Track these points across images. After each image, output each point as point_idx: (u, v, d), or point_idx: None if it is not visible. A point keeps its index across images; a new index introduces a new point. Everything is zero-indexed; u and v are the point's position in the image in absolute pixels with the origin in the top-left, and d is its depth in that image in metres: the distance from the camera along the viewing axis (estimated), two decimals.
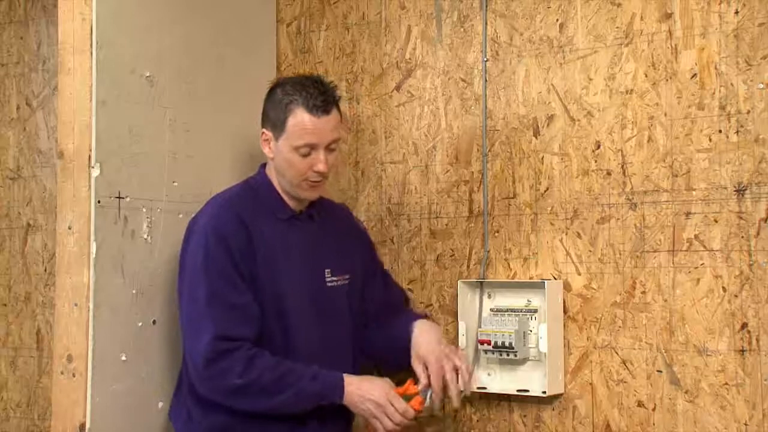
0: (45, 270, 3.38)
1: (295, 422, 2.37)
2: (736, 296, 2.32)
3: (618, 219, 2.48)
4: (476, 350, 2.58)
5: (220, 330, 2.31)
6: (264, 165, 2.53)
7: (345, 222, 2.69)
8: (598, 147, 2.51)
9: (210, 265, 2.35)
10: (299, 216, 2.51)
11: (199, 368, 2.33)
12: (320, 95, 2.39)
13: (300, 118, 2.37)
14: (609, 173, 2.49)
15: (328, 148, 2.41)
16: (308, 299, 2.46)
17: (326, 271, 2.51)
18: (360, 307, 2.59)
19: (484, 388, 2.61)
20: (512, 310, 2.56)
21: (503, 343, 2.52)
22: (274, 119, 2.42)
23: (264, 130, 2.46)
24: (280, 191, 2.48)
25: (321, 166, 2.39)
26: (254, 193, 2.49)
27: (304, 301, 2.45)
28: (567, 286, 2.53)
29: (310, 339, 2.44)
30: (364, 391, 2.35)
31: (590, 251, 2.51)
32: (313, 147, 2.39)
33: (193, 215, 2.49)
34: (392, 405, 2.34)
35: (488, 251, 2.65)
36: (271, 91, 2.48)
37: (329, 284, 2.51)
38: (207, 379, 2.32)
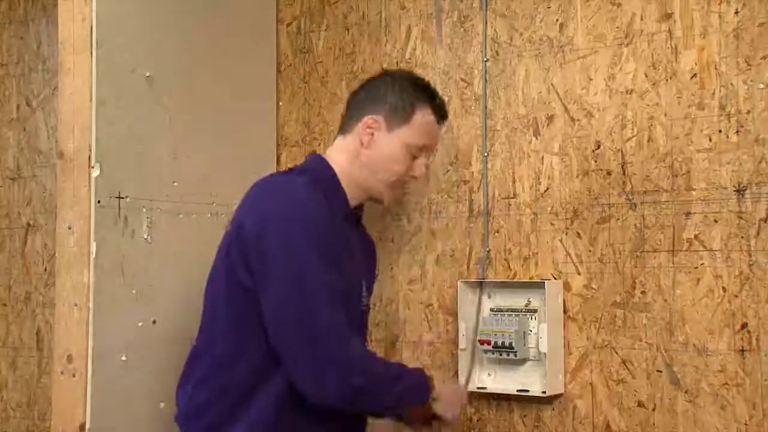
0: (45, 270, 3.38)
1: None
2: (736, 296, 2.32)
3: (618, 219, 2.48)
4: (475, 350, 2.58)
5: (344, 331, 2.04)
6: (318, 156, 2.30)
7: (372, 247, 2.51)
8: (598, 147, 2.51)
9: (317, 246, 2.04)
10: (353, 216, 2.29)
11: (328, 377, 2.00)
12: (443, 104, 2.36)
13: (429, 118, 2.27)
14: (609, 173, 2.49)
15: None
16: (355, 311, 2.23)
17: (363, 284, 2.30)
18: None
19: (484, 388, 2.61)
20: (512, 310, 2.56)
21: (503, 343, 2.52)
22: (395, 107, 2.23)
23: (374, 116, 2.23)
24: (344, 185, 2.24)
25: (420, 172, 2.27)
26: (323, 187, 2.18)
27: (354, 312, 2.21)
28: (567, 286, 2.53)
29: None
30: (444, 395, 2.25)
31: (590, 251, 2.51)
32: (424, 151, 2.28)
33: (239, 207, 2.18)
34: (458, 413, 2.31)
35: (488, 251, 2.65)
36: (395, 77, 2.31)
37: (363, 301, 2.30)
38: (337, 386, 2.01)
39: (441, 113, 2.32)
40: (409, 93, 2.26)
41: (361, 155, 2.24)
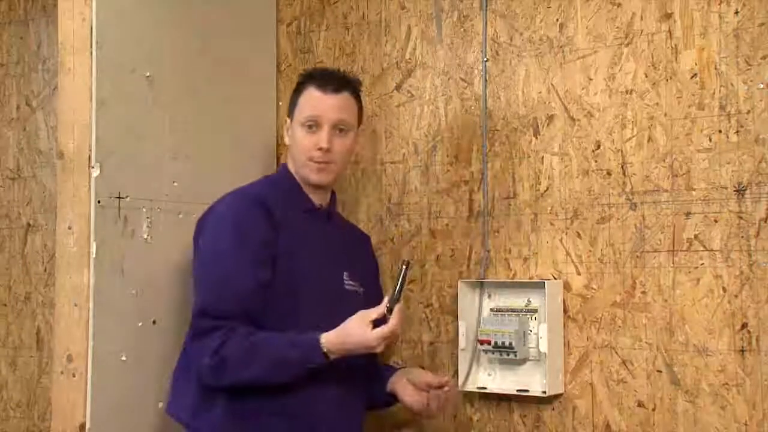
0: (45, 270, 3.38)
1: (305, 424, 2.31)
2: (736, 296, 2.32)
3: (618, 219, 2.48)
4: (475, 350, 2.59)
5: (206, 306, 2.29)
6: (285, 164, 2.54)
7: (364, 244, 2.71)
8: (598, 147, 2.51)
9: (230, 238, 2.33)
10: (320, 210, 2.49)
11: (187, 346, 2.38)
12: (333, 76, 2.47)
13: (309, 94, 2.44)
14: (609, 173, 2.49)
15: (336, 129, 2.41)
16: (325, 296, 2.39)
17: (344, 273, 2.47)
18: None
19: (484, 388, 2.61)
20: (512, 310, 2.56)
21: (503, 343, 2.52)
22: (291, 102, 2.49)
23: (287, 119, 2.52)
24: (301, 183, 2.47)
25: (322, 143, 2.38)
26: (275, 185, 2.48)
27: (321, 296, 2.38)
28: (567, 286, 2.53)
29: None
30: (343, 338, 2.23)
31: (590, 251, 2.51)
32: (317, 122, 2.40)
33: (201, 214, 2.46)
34: (377, 336, 2.22)
35: (488, 251, 2.65)
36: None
37: (347, 287, 2.47)
38: (193, 357, 2.33)
39: (323, 85, 2.42)
40: (297, 85, 2.50)
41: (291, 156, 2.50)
